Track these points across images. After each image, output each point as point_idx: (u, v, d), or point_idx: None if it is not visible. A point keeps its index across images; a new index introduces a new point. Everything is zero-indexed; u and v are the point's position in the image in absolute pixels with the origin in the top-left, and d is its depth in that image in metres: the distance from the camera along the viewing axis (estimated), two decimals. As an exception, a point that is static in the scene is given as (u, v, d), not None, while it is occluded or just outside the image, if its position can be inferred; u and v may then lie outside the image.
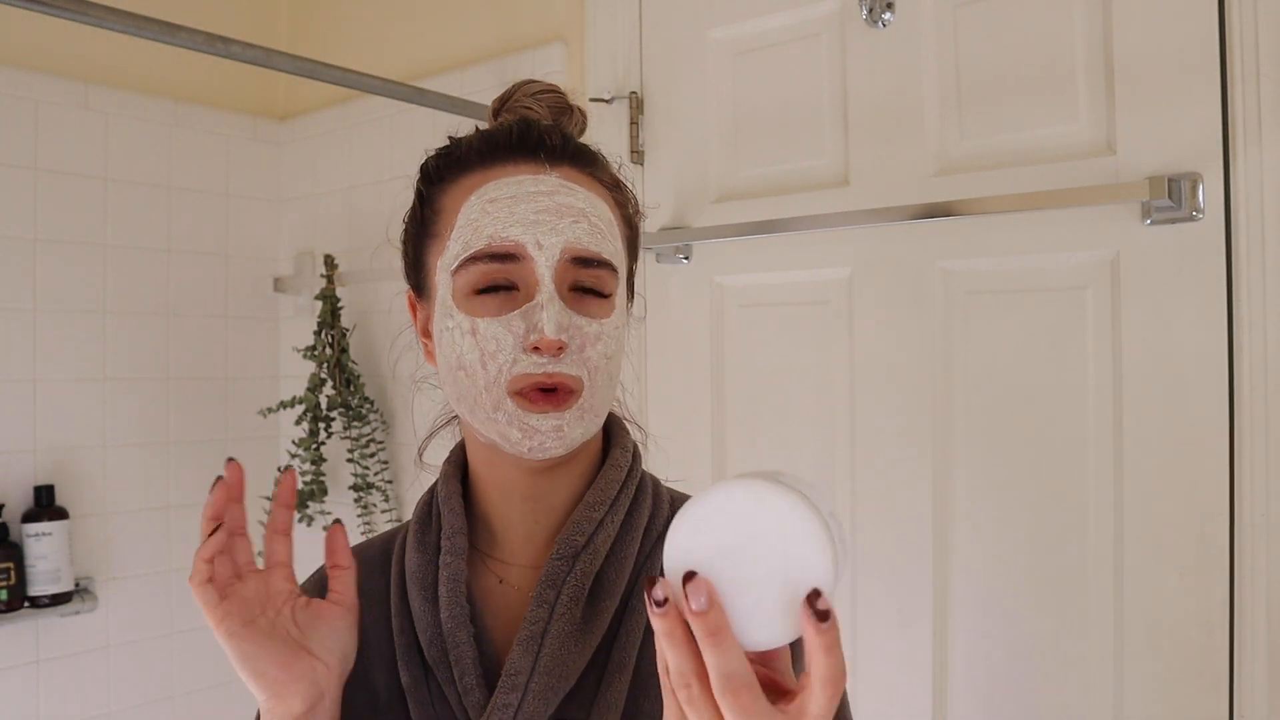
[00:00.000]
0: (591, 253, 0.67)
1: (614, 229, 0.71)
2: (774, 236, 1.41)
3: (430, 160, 0.75)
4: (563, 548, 0.69)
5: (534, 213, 0.66)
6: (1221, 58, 1.09)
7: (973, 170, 1.27)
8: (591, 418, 0.68)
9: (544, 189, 0.67)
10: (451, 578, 0.69)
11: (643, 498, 0.75)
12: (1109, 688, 1.17)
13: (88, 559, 1.83)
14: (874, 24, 1.35)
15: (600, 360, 0.67)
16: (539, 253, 0.65)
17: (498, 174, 0.69)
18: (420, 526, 0.74)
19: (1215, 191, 1.09)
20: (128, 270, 1.90)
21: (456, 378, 0.68)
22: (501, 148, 0.70)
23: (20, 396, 1.75)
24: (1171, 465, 1.12)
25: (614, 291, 0.69)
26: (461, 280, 0.67)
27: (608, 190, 0.73)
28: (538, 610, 0.67)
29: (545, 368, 0.65)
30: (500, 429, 0.66)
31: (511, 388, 0.65)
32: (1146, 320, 1.14)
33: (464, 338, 0.66)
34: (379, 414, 1.94)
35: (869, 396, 1.36)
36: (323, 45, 2.11)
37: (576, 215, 0.67)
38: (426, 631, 0.69)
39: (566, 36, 1.67)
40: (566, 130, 0.74)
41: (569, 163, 0.71)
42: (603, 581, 0.70)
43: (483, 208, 0.67)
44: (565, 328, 0.65)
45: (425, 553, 0.72)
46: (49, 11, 1.08)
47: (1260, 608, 1.06)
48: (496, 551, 0.74)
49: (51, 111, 1.79)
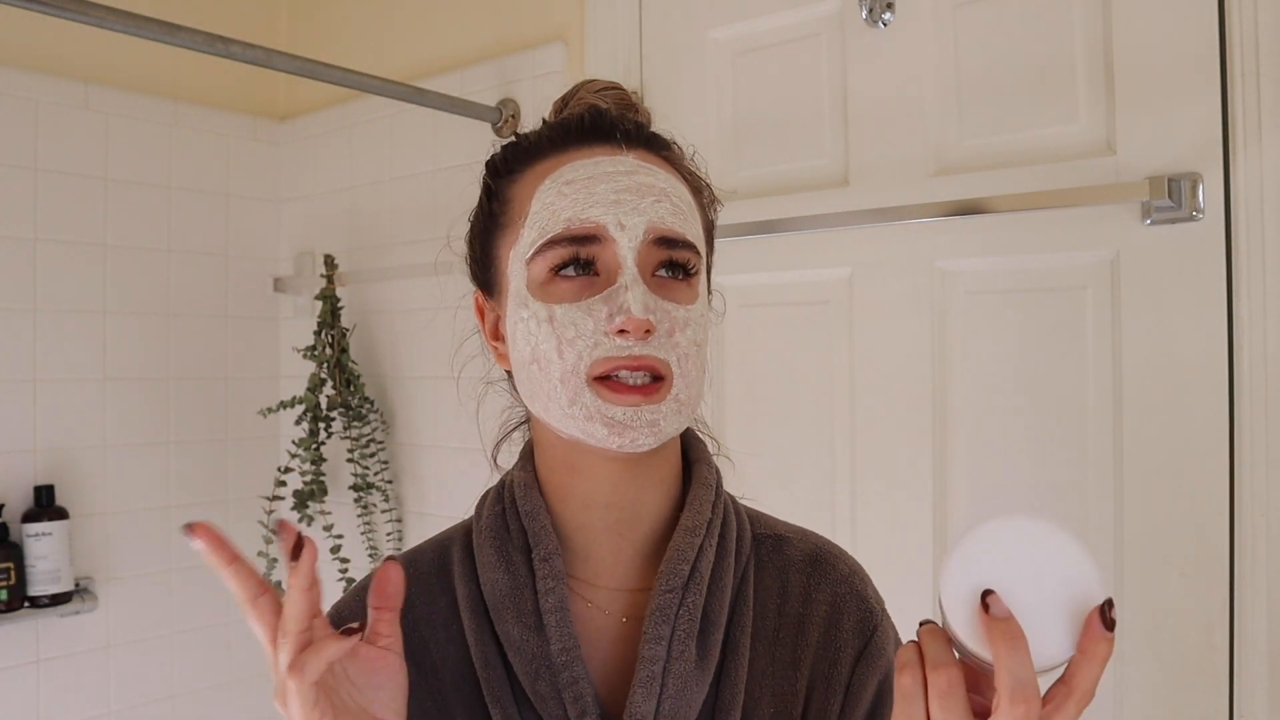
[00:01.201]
0: (676, 233, 0.63)
1: (694, 212, 0.67)
2: (774, 236, 1.41)
3: (497, 154, 0.70)
4: (670, 579, 0.64)
5: (614, 192, 0.62)
6: (1221, 58, 1.09)
7: (973, 170, 1.27)
8: (686, 410, 0.63)
9: (623, 169, 0.64)
10: (558, 606, 0.63)
11: (729, 519, 0.70)
12: (1109, 688, 1.17)
13: (88, 559, 1.83)
14: (874, 24, 1.35)
15: (690, 347, 0.62)
16: (621, 233, 0.61)
17: (572, 157, 0.65)
18: (499, 542, 0.67)
19: (1215, 191, 1.09)
20: (128, 270, 1.90)
21: (530, 373, 0.63)
22: (574, 133, 0.66)
23: (20, 396, 1.75)
24: (1171, 465, 1.12)
25: (699, 276, 0.66)
26: (538, 267, 0.63)
27: (685, 178, 0.70)
28: (654, 648, 0.62)
29: (631, 350, 0.60)
30: (581, 424, 0.61)
31: (592, 373, 0.60)
32: (1146, 320, 1.14)
33: (540, 327, 0.62)
34: (379, 414, 1.94)
35: (869, 396, 1.36)
36: (323, 45, 2.11)
37: (659, 195, 0.63)
38: (530, 663, 0.63)
39: (566, 36, 1.67)
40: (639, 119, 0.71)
41: (645, 146, 0.67)
42: (709, 614, 0.65)
43: (559, 190, 0.63)
44: (652, 309, 0.60)
45: (514, 574, 0.65)
46: (49, 11, 1.08)
47: (1260, 608, 1.06)
48: (579, 571, 0.68)
49: (51, 111, 1.79)
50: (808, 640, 0.68)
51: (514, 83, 1.72)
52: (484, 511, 0.70)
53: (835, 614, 0.69)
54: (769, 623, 0.69)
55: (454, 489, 1.82)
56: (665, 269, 0.64)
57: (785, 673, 0.67)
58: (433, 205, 1.88)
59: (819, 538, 0.75)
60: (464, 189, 0.77)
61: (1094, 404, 1.18)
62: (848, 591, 0.70)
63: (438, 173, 1.86)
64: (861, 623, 0.69)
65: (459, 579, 0.69)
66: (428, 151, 1.88)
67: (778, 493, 1.45)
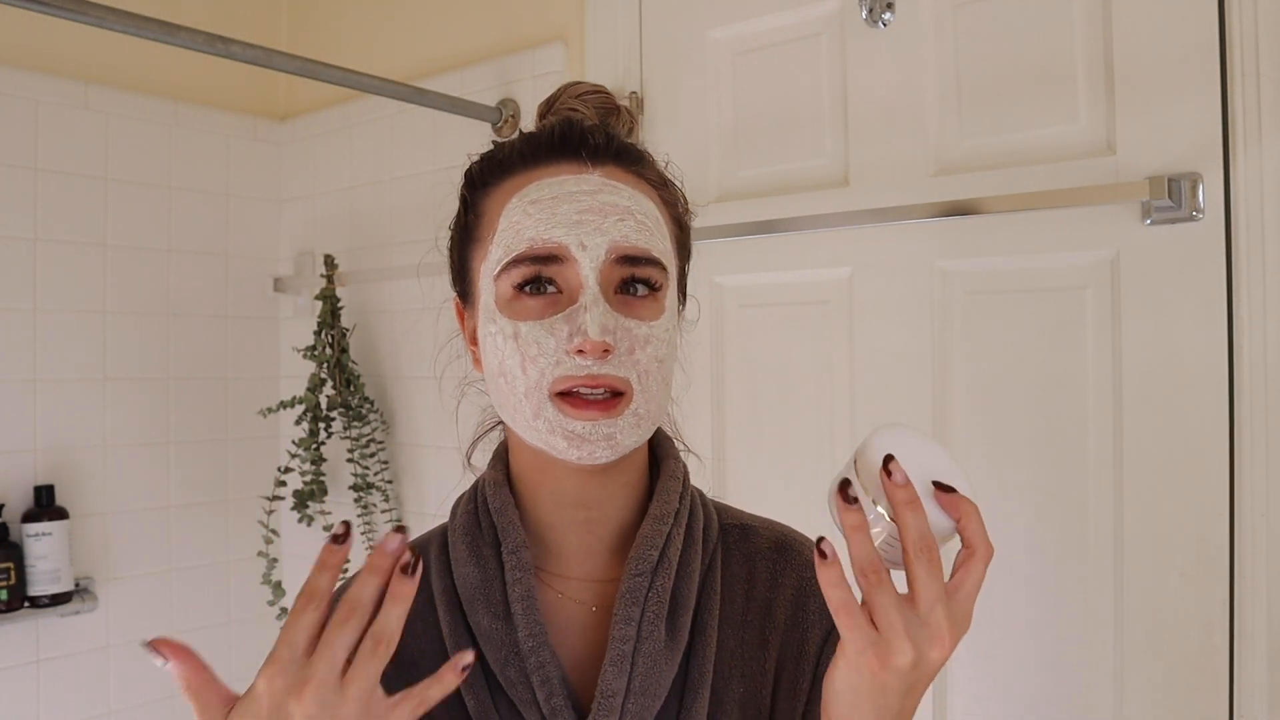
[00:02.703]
0: (639, 249, 0.65)
1: (662, 227, 0.69)
2: (774, 236, 1.41)
3: (474, 165, 0.72)
4: (639, 563, 0.67)
5: (577, 212, 0.64)
6: (1221, 58, 1.09)
7: (973, 170, 1.27)
8: (646, 424, 0.66)
9: (587, 188, 0.65)
10: (525, 595, 0.66)
11: (696, 510, 0.74)
12: (1109, 688, 1.17)
13: (88, 559, 1.83)
14: (874, 24, 1.35)
15: (650, 364, 0.65)
16: (582, 254, 0.63)
17: (539, 175, 0.67)
18: (471, 538, 0.71)
19: (1215, 191, 1.09)
20: (128, 270, 1.90)
21: (498, 384, 0.66)
22: (543, 148, 0.68)
23: (20, 396, 1.75)
24: (1171, 465, 1.12)
25: (664, 291, 0.67)
26: (504, 284, 0.65)
27: (655, 189, 0.71)
28: (624, 628, 0.65)
29: (590, 369, 0.62)
30: (543, 437, 0.64)
31: (554, 389, 0.63)
32: (1146, 320, 1.14)
33: (506, 343, 0.64)
34: (379, 414, 1.94)
35: (869, 396, 1.36)
36: (323, 45, 2.11)
37: (622, 213, 0.65)
38: (499, 651, 0.66)
39: (566, 36, 1.67)
40: (611, 129, 0.72)
41: (613, 161, 0.69)
42: (677, 596, 0.68)
43: (524, 209, 0.65)
44: (611, 330, 0.62)
45: (484, 567, 0.68)
46: (49, 11, 1.08)
47: (1260, 608, 1.06)
48: (550, 565, 0.71)
49: (51, 111, 1.79)
50: (775, 623, 0.72)
51: (514, 83, 1.72)
52: (458, 511, 0.74)
53: (801, 597, 0.73)
54: (737, 606, 0.72)
55: (454, 489, 1.81)
56: (628, 286, 0.65)
57: (754, 653, 0.71)
58: (433, 205, 1.88)
59: (784, 527, 0.79)
60: (464, 189, 0.78)
61: (1094, 404, 1.18)
62: (812, 576, 0.73)
63: (438, 173, 1.86)
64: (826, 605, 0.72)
65: (435, 576, 0.72)
66: (428, 151, 1.88)
67: (777, 492, 1.45)
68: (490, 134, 1.73)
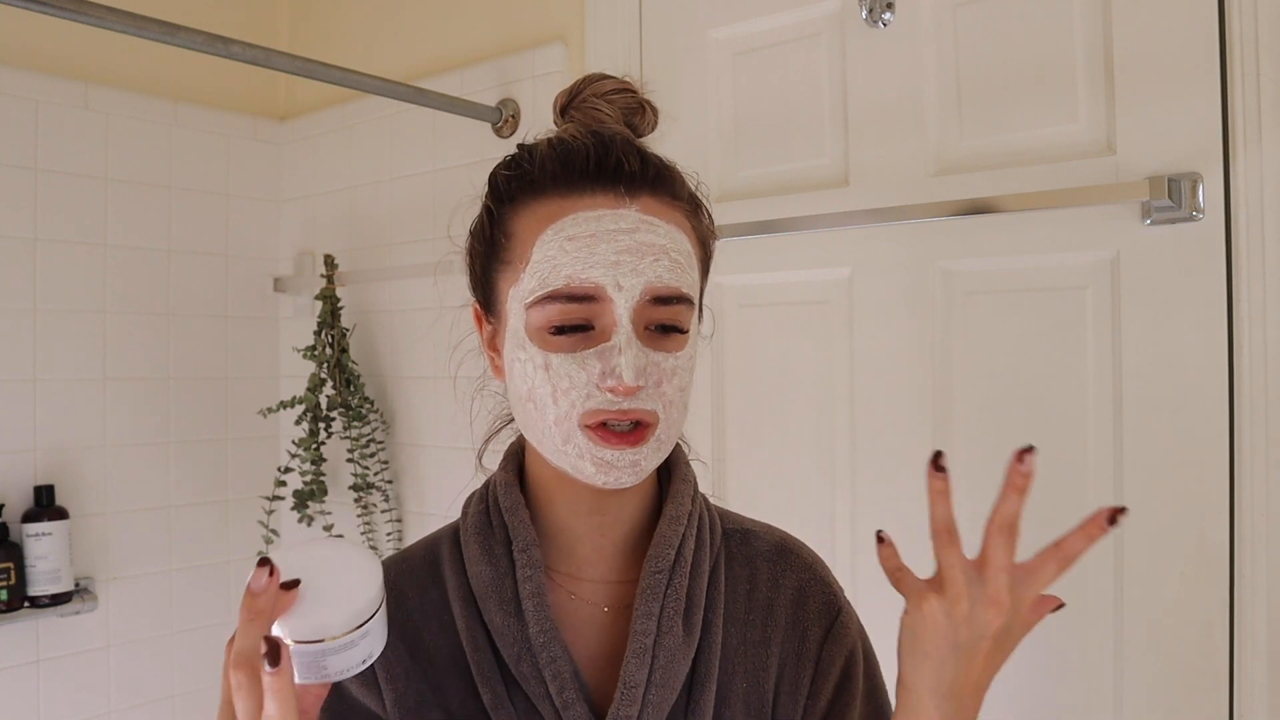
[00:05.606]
0: (671, 289, 0.66)
1: (692, 260, 0.70)
2: (774, 236, 1.41)
3: (500, 175, 0.71)
4: (658, 561, 0.70)
5: (614, 253, 0.64)
6: (1221, 58, 1.09)
7: (972, 170, 1.27)
8: (667, 447, 0.68)
9: (625, 225, 0.65)
10: (535, 592, 0.68)
11: (704, 512, 0.76)
12: (1109, 688, 1.17)
13: (88, 559, 1.83)
14: (874, 24, 1.35)
15: (675, 394, 0.67)
16: (619, 294, 0.64)
17: (575, 205, 0.66)
18: (483, 537, 0.72)
19: (1215, 191, 1.09)
20: (128, 270, 1.90)
21: (526, 409, 0.67)
22: (577, 173, 0.67)
23: (20, 396, 1.75)
24: (1171, 465, 1.12)
25: (690, 323, 0.69)
26: (536, 315, 0.65)
27: (686, 215, 0.71)
28: (645, 623, 0.67)
29: (620, 405, 0.64)
30: (571, 461, 0.66)
31: (584, 421, 0.64)
32: (1146, 320, 1.14)
33: (536, 372, 0.65)
34: (379, 414, 1.94)
35: (869, 396, 1.36)
36: (323, 45, 2.11)
37: (658, 253, 0.65)
38: (513, 647, 0.68)
39: (566, 36, 1.67)
40: (643, 144, 0.71)
41: (649, 191, 0.68)
42: (692, 594, 0.71)
43: (560, 245, 0.65)
44: (643, 370, 0.64)
45: (496, 565, 0.70)
46: (49, 11, 1.08)
47: (1260, 608, 1.06)
48: (563, 565, 0.73)
49: (51, 111, 1.79)
50: (776, 621, 0.75)
51: (514, 83, 1.72)
52: (469, 511, 0.76)
53: (801, 597, 0.76)
54: (739, 606, 0.75)
55: (454, 489, 1.81)
56: (658, 327, 0.67)
57: (756, 651, 0.73)
58: (433, 205, 1.88)
59: (782, 532, 0.81)
60: (464, 189, 0.77)
61: (1094, 404, 1.18)
62: (811, 578, 0.77)
63: (438, 173, 1.86)
64: (826, 604, 0.76)
65: (449, 573, 0.73)
66: (428, 151, 1.88)
67: (777, 492, 1.45)
68: (490, 134, 1.73)
